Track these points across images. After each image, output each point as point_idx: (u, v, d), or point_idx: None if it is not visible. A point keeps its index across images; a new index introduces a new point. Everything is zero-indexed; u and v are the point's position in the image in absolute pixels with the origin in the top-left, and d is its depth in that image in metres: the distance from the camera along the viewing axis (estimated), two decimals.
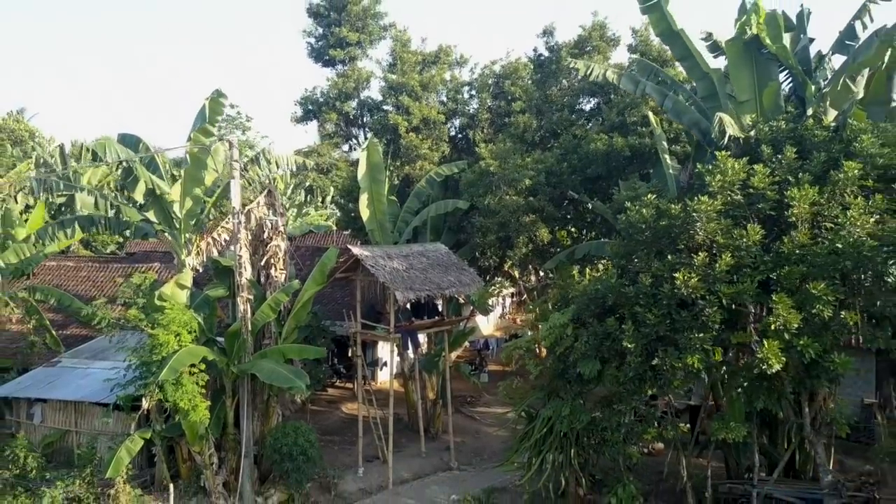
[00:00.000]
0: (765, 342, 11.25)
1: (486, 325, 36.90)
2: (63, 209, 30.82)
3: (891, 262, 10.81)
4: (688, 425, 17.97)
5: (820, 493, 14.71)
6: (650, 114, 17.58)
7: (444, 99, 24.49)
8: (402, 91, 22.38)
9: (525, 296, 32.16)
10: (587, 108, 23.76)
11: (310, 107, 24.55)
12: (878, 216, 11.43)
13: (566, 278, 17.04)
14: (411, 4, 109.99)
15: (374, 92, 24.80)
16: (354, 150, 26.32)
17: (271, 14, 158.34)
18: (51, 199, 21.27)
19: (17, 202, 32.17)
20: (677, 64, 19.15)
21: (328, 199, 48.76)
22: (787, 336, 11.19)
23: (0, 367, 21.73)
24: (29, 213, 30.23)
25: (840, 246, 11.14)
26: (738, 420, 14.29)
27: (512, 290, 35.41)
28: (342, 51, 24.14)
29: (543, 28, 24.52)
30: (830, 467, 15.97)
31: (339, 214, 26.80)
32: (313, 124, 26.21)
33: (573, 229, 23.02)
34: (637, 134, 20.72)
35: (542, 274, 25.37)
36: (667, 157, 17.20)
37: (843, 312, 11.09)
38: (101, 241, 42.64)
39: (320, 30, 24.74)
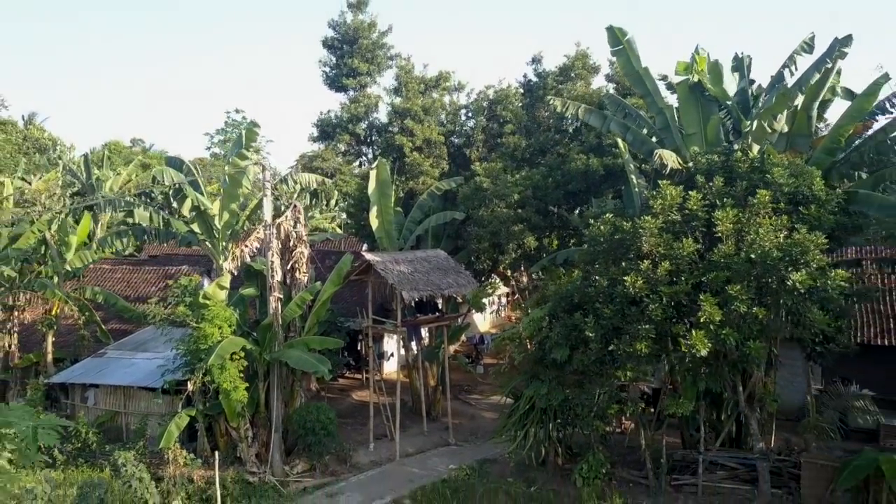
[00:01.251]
0: (694, 332, 14.33)
1: (483, 322, 39.99)
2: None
3: (790, 269, 13.86)
4: (651, 408, 21.20)
5: (753, 459, 17.83)
6: (619, 139, 20.62)
7: (444, 120, 27.62)
8: (406, 115, 25.51)
9: (518, 295, 35.32)
10: (570, 129, 26.80)
11: (326, 129, 27.71)
12: (784, 233, 14.50)
13: (555, 279, 20.16)
14: (416, 32, 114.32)
15: (381, 114, 28.02)
16: (363, 165, 29.40)
17: (279, 24, 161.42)
18: (113, 215, 24.25)
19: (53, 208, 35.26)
20: None
21: (332, 202, 51.67)
22: (711, 327, 14.27)
23: (56, 358, 24.83)
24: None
25: (753, 256, 14.22)
26: (689, 399, 17.39)
27: (506, 289, 38.57)
28: (354, 80, 27.32)
29: (532, 56, 27.70)
30: (774, 443, 19.10)
31: (348, 220, 29.85)
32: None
33: (556, 238, 26.09)
34: (612, 154, 23.80)
35: (533, 276, 28.48)
36: (633, 177, 20.26)
37: (754, 308, 14.16)
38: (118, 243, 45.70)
39: (334, 59, 27.89)
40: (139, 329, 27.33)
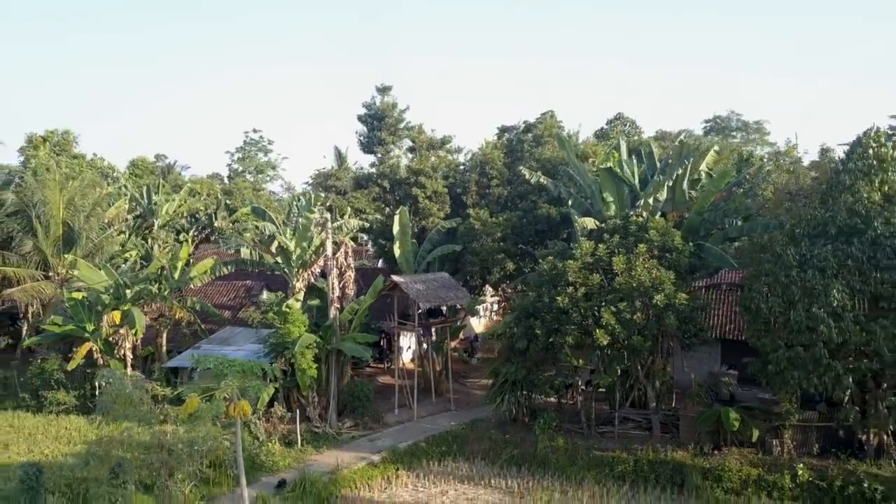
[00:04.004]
0: (598, 330, 23.82)
1: (477, 324, 49.54)
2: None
3: (655, 293, 23.32)
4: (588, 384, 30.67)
5: (649, 413, 27.30)
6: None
7: (447, 174, 37.17)
8: (419, 174, 35.08)
9: (505, 303, 44.93)
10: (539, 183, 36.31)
11: (360, 181, 37.34)
12: (654, 271, 23.99)
13: (519, 296, 29.67)
14: (423, 97, 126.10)
15: (401, 169, 37.62)
16: (388, 208, 39.07)
17: (289, 45, 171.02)
18: (232, 251, 33.65)
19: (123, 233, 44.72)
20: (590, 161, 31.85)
21: (346, 216, 61.17)
22: (609, 328, 23.72)
23: (167, 350, 34.32)
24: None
25: (634, 285, 23.72)
26: (610, 375, 26.88)
27: (497, 297, 48.12)
28: (382, 147, 36.93)
29: (513, 126, 37.21)
30: (673, 404, 28.46)
31: (373, 246, 39.46)
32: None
33: (527, 262, 35.66)
34: (566, 205, 33.30)
35: (511, 290, 37.99)
36: (577, 225, 29.71)
37: (634, 316, 23.62)
38: None
39: (366, 131, 37.51)
40: (220, 329, 36.84)
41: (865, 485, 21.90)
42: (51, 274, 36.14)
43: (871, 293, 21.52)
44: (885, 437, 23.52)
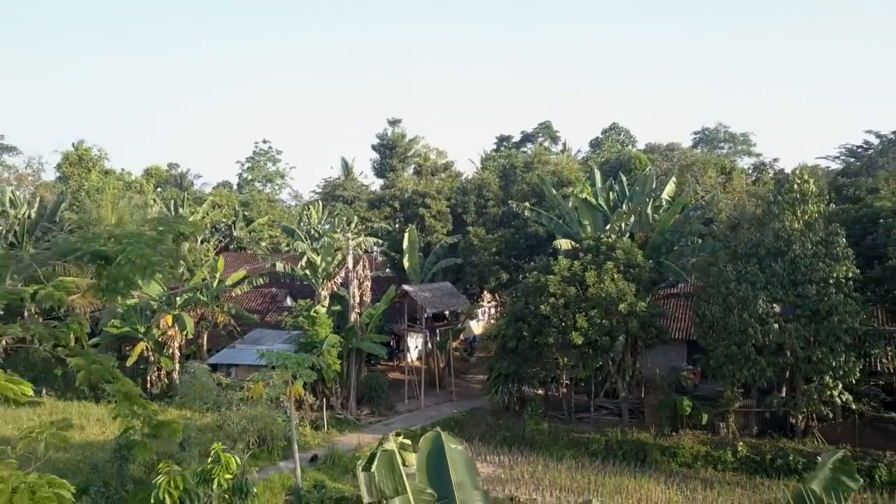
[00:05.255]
0: (573, 333, 29.13)
1: (476, 327, 54.87)
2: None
3: (620, 302, 28.62)
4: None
5: (619, 402, 32.59)
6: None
7: (449, 195, 42.53)
8: (426, 196, 40.46)
9: (500, 309, 50.29)
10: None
11: (374, 202, 42.76)
12: (620, 284, 29.29)
13: (510, 303, 34.96)
14: (423, 101, 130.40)
15: (409, 192, 43.06)
16: (398, 224, 44.46)
17: (296, 57, 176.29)
18: (268, 265, 38.91)
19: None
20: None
21: (352, 224, 66.37)
22: (582, 330, 29.01)
23: (207, 349, 39.64)
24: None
25: (603, 295, 29.01)
26: (587, 370, 32.16)
27: (493, 304, 53.47)
28: (393, 173, 42.33)
29: (508, 153, 42.55)
30: (642, 395, 33.76)
31: (384, 256, 44.78)
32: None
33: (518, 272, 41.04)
34: None
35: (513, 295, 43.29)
36: (563, 243, 34.98)
37: (603, 321, 28.92)
38: None
39: (379, 158, 42.96)
40: (251, 330, 42.15)
41: (791, 458, 27.12)
42: None
43: (789, 303, 26.84)
44: (809, 419, 28.77)
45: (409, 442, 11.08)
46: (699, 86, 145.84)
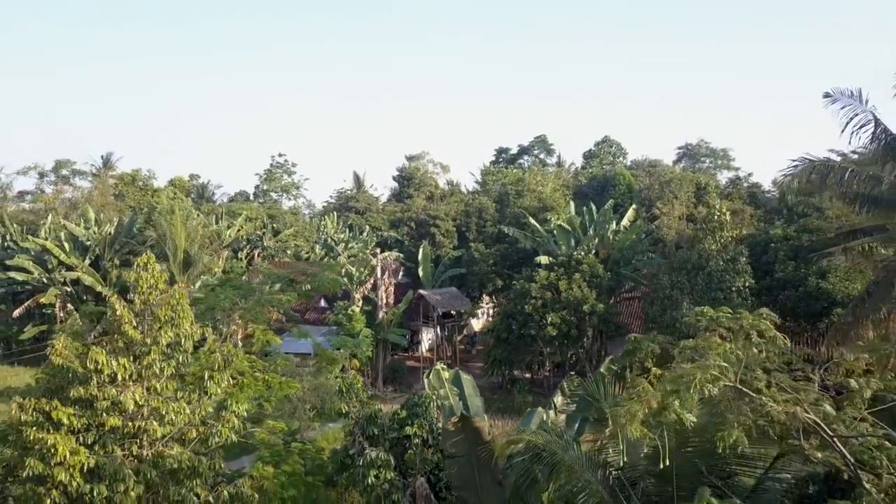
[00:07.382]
0: (549, 327, 38.88)
1: (477, 324, 64.69)
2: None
3: (584, 304, 38.36)
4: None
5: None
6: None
7: (454, 217, 52.28)
8: (436, 218, 50.24)
9: (496, 309, 60.07)
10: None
11: (394, 222, 52.52)
12: (584, 290, 39.03)
13: (504, 304, 44.71)
14: (425, 107, 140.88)
15: (422, 214, 52.84)
16: (412, 239, 54.09)
17: (311, 70, 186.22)
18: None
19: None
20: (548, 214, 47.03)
21: (364, 233, 75.53)
22: (556, 324, 38.74)
23: None
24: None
25: (572, 299, 38.78)
26: (562, 356, 41.91)
27: (490, 305, 63.29)
28: (409, 200, 52.07)
29: (504, 172, 52.30)
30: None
31: (402, 264, 54.57)
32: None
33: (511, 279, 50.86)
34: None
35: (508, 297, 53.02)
36: (542, 259, 44.66)
37: (571, 318, 38.66)
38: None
39: (398, 188, 52.76)
40: (292, 326, 51.83)
41: None
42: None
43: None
44: None
45: (446, 366, 20.86)
46: (688, 100, 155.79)
